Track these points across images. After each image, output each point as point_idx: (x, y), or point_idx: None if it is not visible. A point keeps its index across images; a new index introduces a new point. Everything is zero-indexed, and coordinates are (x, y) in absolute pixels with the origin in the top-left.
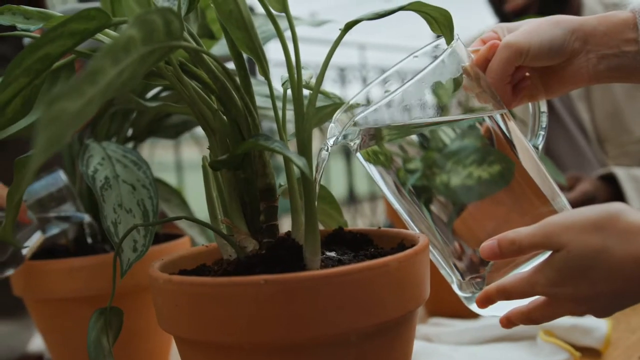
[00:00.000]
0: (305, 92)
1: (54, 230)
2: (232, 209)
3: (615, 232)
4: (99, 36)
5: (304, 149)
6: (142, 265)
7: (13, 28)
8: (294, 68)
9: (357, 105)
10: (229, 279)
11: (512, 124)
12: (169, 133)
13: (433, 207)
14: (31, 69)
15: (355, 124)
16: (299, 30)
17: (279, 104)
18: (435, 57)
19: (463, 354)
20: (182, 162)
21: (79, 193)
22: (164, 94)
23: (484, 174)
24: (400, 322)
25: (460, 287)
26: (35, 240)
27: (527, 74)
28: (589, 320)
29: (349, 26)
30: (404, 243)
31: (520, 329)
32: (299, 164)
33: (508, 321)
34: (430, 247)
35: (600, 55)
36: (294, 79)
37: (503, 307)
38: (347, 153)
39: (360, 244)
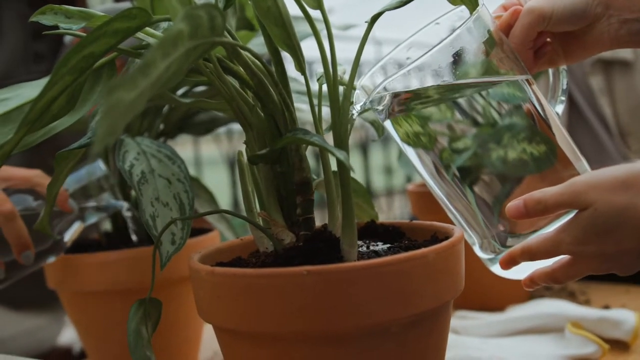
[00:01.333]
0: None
1: (93, 219)
2: (269, 203)
3: None
4: (140, 34)
5: (341, 143)
6: (176, 258)
7: (55, 27)
8: (329, 64)
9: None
10: (271, 270)
11: (535, 88)
12: (198, 130)
13: (477, 188)
14: (76, 67)
15: (383, 90)
16: (321, 28)
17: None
18: (456, 28)
19: (491, 346)
20: (201, 159)
21: (112, 186)
22: (194, 90)
23: (534, 151)
24: (437, 312)
25: (482, 247)
26: (75, 228)
27: (548, 39)
28: (617, 313)
29: (374, 18)
30: (437, 235)
31: (549, 320)
32: (340, 157)
33: (531, 281)
34: (458, 217)
35: (622, 19)
36: (329, 74)
37: (526, 269)
38: (364, 147)
39: (393, 237)
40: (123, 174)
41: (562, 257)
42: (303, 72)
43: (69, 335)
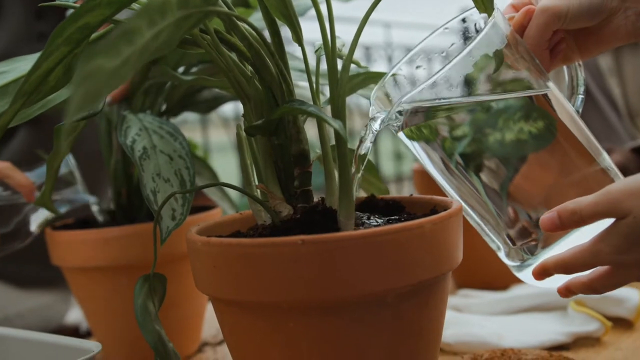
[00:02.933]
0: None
1: (62, 210)
2: (266, 175)
3: None
4: (135, 6)
5: (338, 114)
6: (177, 234)
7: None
8: (327, 35)
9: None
10: (266, 239)
11: (551, 84)
12: (200, 108)
13: (483, 176)
14: (72, 38)
15: (398, 110)
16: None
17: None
18: (465, 30)
19: (493, 324)
20: (209, 144)
21: (114, 167)
22: (195, 69)
23: (532, 129)
24: (433, 283)
25: (509, 255)
26: (43, 218)
27: (562, 36)
28: (620, 291)
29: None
30: (436, 209)
31: (551, 299)
32: (334, 126)
33: (568, 291)
34: (478, 219)
35: (638, 12)
36: (328, 46)
37: (559, 278)
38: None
39: (393, 211)
40: (125, 149)
41: (599, 267)
42: (300, 44)
43: (76, 314)
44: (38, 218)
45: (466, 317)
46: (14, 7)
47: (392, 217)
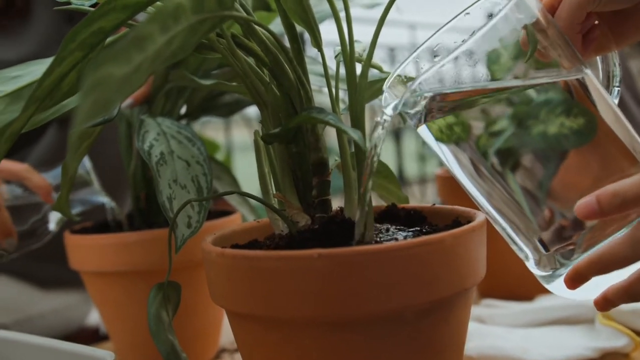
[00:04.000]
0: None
1: (77, 210)
2: (284, 184)
3: None
4: (151, 9)
5: (357, 122)
6: (195, 241)
7: (68, 3)
8: (346, 40)
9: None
10: (281, 252)
11: (589, 71)
12: (221, 111)
13: (519, 175)
14: (85, 42)
15: (415, 90)
16: (340, 9)
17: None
18: (491, 14)
19: (517, 336)
20: (232, 144)
21: (133, 171)
22: (215, 72)
23: (573, 124)
24: (455, 299)
25: (539, 263)
26: (59, 217)
27: (596, 22)
28: None
29: None
30: (459, 220)
31: (579, 311)
32: (353, 137)
33: (605, 301)
34: (507, 226)
35: None
36: (347, 52)
37: (597, 286)
38: (397, 134)
39: (414, 221)
40: (142, 154)
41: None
42: (320, 49)
43: (96, 316)
44: (56, 216)
45: (489, 329)
46: (45, 10)
47: (413, 229)
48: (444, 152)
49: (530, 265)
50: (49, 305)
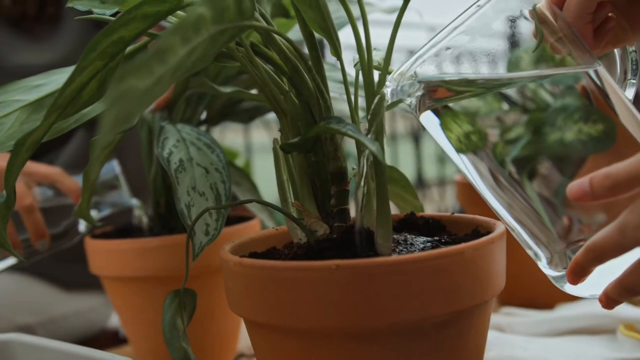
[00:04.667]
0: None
1: (106, 212)
2: (302, 193)
3: None
4: (171, 19)
5: (376, 133)
6: (214, 246)
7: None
8: (364, 49)
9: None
10: (299, 263)
11: (602, 70)
12: (241, 117)
13: (536, 184)
14: (106, 52)
15: (413, 76)
16: (369, 11)
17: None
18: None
19: (537, 346)
20: (251, 145)
21: (154, 177)
22: (236, 78)
23: (592, 131)
24: (474, 311)
25: (551, 262)
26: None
27: (610, 14)
28: None
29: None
30: (478, 230)
31: (599, 321)
32: (372, 149)
33: (607, 298)
34: (527, 238)
35: None
36: (364, 61)
37: (602, 281)
38: (416, 136)
39: (433, 230)
40: (161, 161)
41: (633, 259)
42: (339, 57)
43: (117, 319)
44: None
45: (509, 338)
46: (74, 16)
47: (432, 239)
48: (465, 163)
49: (542, 265)
50: (71, 307)
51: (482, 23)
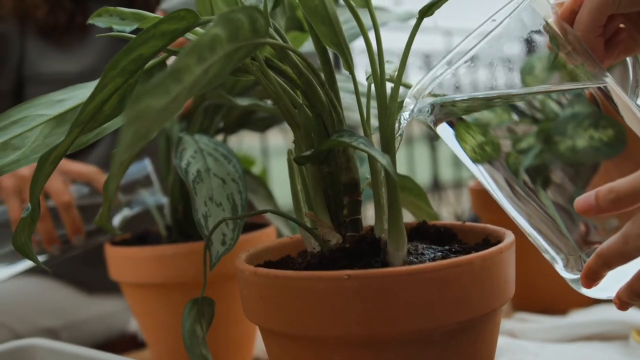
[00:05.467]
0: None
1: (137, 209)
2: (316, 203)
3: None
4: (189, 35)
5: (388, 145)
6: (232, 254)
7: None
8: (376, 62)
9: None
10: (312, 273)
11: (611, 83)
12: (258, 126)
13: (551, 192)
14: (126, 69)
15: (429, 96)
16: (385, 19)
17: (364, 100)
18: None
19: (549, 352)
20: (268, 149)
21: (171, 185)
22: (252, 89)
23: (603, 136)
24: (483, 320)
25: (567, 265)
26: (124, 215)
27: (622, 25)
28: None
29: (423, 13)
30: (489, 239)
31: (612, 327)
32: (382, 163)
33: (620, 300)
34: (546, 245)
35: None
36: (377, 74)
37: (615, 286)
38: (432, 139)
39: (444, 239)
40: (179, 172)
41: None
42: (351, 71)
43: (136, 323)
44: (120, 216)
45: (521, 344)
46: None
47: (443, 248)
48: (481, 173)
49: (559, 268)
50: (93, 311)
51: (496, 45)
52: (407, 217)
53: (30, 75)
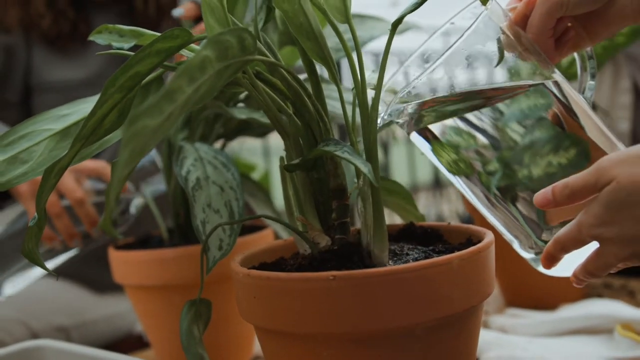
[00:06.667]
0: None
1: (148, 195)
2: (306, 207)
3: None
4: (184, 51)
5: (370, 152)
6: (230, 255)
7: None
8: (358, 74)
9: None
10: (301, 274)
11: (558, 78)
12: (256, 132)
13: (520, 205)
14: (124, 86)
15: (400, 102)
16: (380, 30)
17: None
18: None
19: (537, 346)
20: (270, 149)
21: (173, 190)
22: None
23: (562, 159)
24: (463, 316)
25: (521, 246)
26: (137, 202)
27: (569, 24)
28: None
29: (395, 25)
30: (471, 238)
31: (598, 322)
32: (364, 171)
33: (576, 278)
34: (507, 233)
35: None
36: (358, 84)
37: (572, 264)
38: None
39: (431, 239)
40: (179, 179)
41: (595, 246)
42: (336, 83)
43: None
44: (136, 202)
45: (510, 339)
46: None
47: (427, 248)
48: (460, 183)
49: (516, 247)
50: (102, 312)
51: (457, 56)
52: (398, 219)
53: (37, 84)
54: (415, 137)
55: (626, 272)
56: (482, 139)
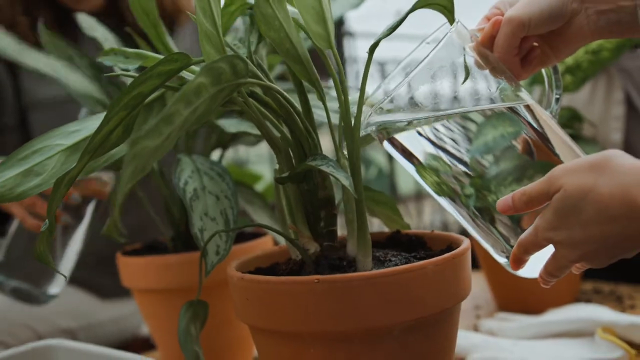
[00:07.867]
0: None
1: None
2: (297, 216)
3: (606, 172)
4: (183, 73)
5: (354, 167)
6: (226, 262)
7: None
8: (341, 94)
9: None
10: (288, 277)
11: (525, 97)
12: (250, 141)
13: (496, 224)
14: (128, 104)
15: (371, 116)
16: (372, 20)
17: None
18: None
19: (522, 349)
20: (271, 151)
21: (171, 197)
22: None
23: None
24: (439, 317)
25: (495, 251)
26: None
27: (535, 43)
28: None
29: (372, 49)
30: (452, 245)
31: (581, 325)
32: (345, 184)
33: (541, 279)
34: (485, 243)
35: (598, 11)
36: (342, 104)
37: (537, 267)
38: None
39: (415, 246)
40: (178, 190)
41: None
42: (324, 102)
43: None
44: (75, 196)
45: (496, 342)
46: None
47: (409, 255)
48: (445, 205)
49: (491, 252)
50: (107, 314)
51: (425, 74)
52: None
53: (29, 103)
54: (385, 144)
55: (615, 278)
56: (456, 164)
